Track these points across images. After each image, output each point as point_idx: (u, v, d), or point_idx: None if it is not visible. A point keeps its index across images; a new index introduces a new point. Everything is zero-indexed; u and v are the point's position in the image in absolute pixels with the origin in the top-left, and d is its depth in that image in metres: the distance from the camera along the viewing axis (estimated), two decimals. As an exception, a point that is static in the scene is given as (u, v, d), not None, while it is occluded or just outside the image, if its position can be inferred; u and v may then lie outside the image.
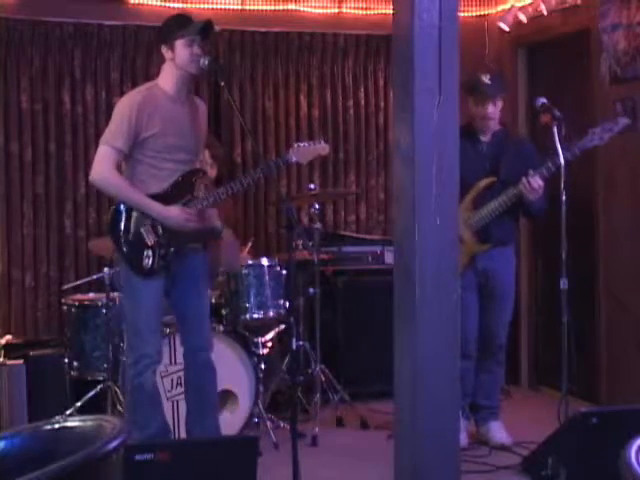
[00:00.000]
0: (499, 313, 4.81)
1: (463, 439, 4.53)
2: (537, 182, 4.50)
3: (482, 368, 4.81)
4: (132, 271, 4.15)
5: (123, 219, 4.17)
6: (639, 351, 5.20)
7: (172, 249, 4.18)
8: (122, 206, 4.17)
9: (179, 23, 4.17)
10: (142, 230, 4.16)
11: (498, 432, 4.81)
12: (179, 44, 4.10)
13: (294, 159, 4.43)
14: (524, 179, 4.52)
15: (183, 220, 4.16)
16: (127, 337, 4.29)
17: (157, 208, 4.14)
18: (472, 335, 4.68)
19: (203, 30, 4.14)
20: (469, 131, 4.71)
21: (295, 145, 4.47)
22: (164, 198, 4.16)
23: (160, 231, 4.16)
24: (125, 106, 4.14)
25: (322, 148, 4.53)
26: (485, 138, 4.78)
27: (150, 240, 4.15)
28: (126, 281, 4.21)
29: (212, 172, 5.16)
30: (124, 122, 4.08)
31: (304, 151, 4.44)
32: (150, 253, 4.14)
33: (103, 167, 4.10)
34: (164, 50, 4.16)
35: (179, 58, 4.12)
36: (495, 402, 4.92)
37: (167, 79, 4.19)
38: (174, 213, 4.15)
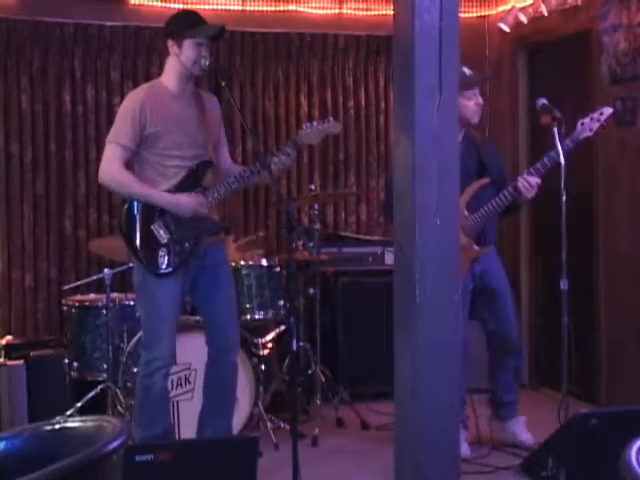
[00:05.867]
0: (504, 310, 4.72)
1: (465, 450, 4.42)
2: (535, 180, 4.46)
3: (502, 366, 4.74)
4: (147, 271, 4.08)
5: (135, 218, 4.11)
6: (639, 351, 5.20)
7: (187, 245, 4.11)
8: (134, 204, 4.12)
9: (191, 22, 4.12)
10: (153, 228, 4.10)
11: (523, 431, 4.73)
12: (187, 43, 4.07)
13: (304, 142, 4.25)
14: (521, 179, 4.47)
15: (194, 205, 4.09)
16: (142, 336, 4.24)
17: (167, 197, 4.09)
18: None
19: (215, 35, 4.13)
20: None
21: (304, 126, 4.25)
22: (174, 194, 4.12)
23: (173, 227, 4.10)
24: (129, 103, 4.14)
25: (333, 126, 4.28)
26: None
27: (163, 238, 4.09)
28: (141, 281, 4.14)
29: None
30: (128, 119, 4.08)
31: (314, 132, 4.22)
32: (165, 251, 4.07)
33: (110, 165, 4.08)
34: (170, 44, 4.12)
35: (185, 57, 4.09)
36: (515, 396, 4.82)
37: (170, 75, 4.17)
38: (184, 200, 4.09)
